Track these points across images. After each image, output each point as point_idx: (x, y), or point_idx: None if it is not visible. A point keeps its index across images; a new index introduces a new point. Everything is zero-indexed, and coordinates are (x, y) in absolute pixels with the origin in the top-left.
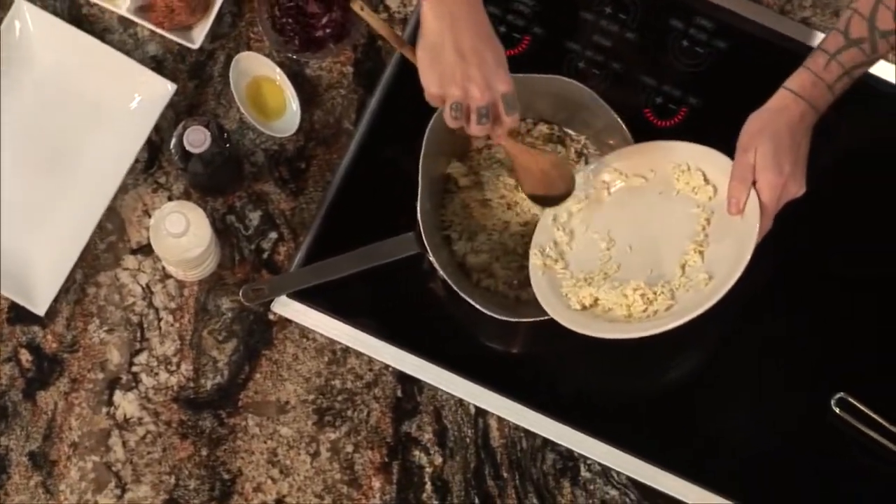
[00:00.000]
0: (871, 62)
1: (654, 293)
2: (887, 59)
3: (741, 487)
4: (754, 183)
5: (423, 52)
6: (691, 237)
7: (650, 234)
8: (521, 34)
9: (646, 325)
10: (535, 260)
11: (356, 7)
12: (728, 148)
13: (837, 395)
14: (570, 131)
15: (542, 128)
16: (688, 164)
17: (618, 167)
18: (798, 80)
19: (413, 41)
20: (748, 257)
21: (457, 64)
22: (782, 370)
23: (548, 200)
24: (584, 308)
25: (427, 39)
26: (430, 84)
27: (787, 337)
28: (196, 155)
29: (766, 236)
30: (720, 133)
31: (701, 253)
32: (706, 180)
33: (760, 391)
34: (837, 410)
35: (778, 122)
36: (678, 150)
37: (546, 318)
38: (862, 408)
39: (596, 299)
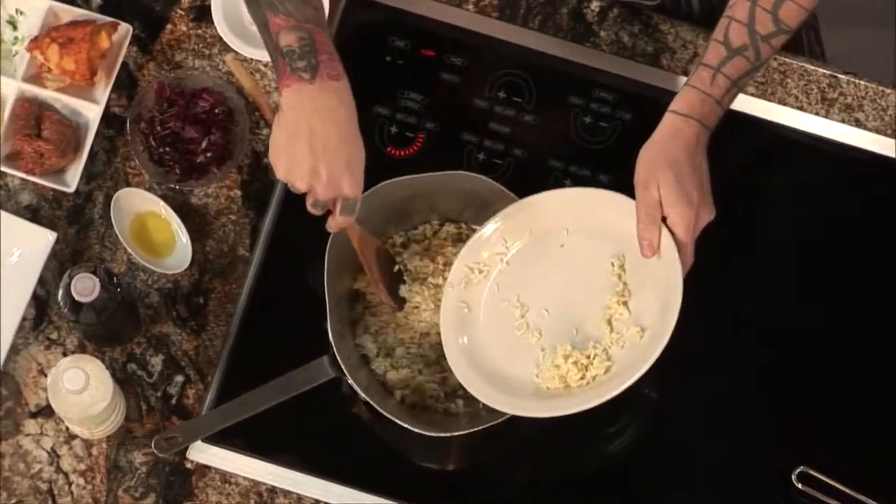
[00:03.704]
0: (757, 69)
1: (588, 357)
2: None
3: None
4: (664, 219)
5: (277, 133)
6: (610, 289)
7: (564, 292)
8: (413, 132)
9: (590, 394)
10: (451, 352)
11: (229, 58)
12: None
13: (798, 470)
14: (478, 227)
15: (450, 228)
16: (579, 209)
17: (505, 231)
18: (685, 100)
19: None
20: (679, 299)
21: (306, 158)
22: (735, 449)
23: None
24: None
25: (283, 124)
26: (278, 169)
27: (736, 411)
28: (87, 304)
29: (690, 273)
30: None
31: (625, 304)
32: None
33: (716, 472)
34: (800, 485)
35: (673, 148)
36: (569, 198)
37: (480, 427)
38: (825, 479)
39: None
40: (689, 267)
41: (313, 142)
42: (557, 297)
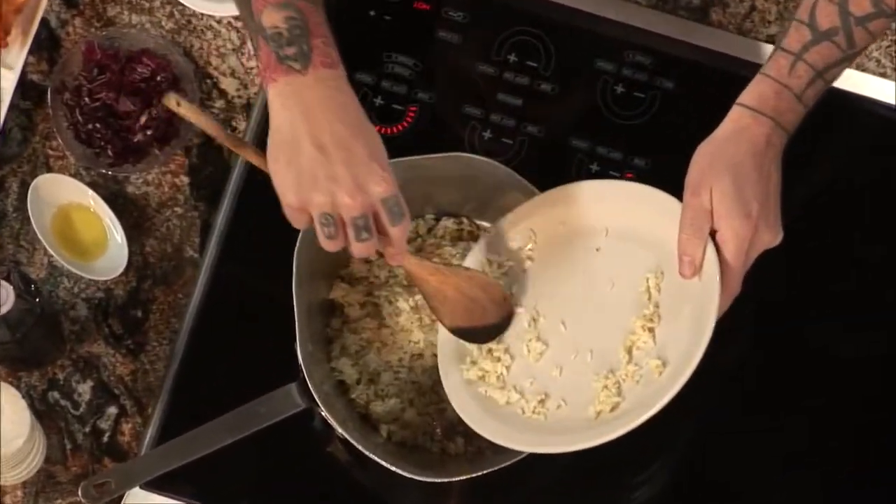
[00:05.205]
0: (850, 59)
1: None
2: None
3: None
4: (713, 233)
5: (274, 151)
6: (638, 310)
7: (587, 305)
8: (403, 104)
9: (588, 433)
10: (444, 363)
11: (171, 104)
12: None
13: None
14: (483, 223)
15: (448, 223)
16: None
17: (534, 223)
18: (756, 91)
19: (261, 137)
20: (707, 337)
21: (317, 162)
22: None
23: (477, 334)
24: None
25: (277, 135)
26: (287, 192)
27: (807, 456)
28: None
29: (736, 303)
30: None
31: (651, 331)
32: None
33: None
34: None
35: (737, 149)
36: (611, 192)
37: (483, 471)
38: None
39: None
40: (733, 298)
41: (318, 139)
42: (579, 310)
